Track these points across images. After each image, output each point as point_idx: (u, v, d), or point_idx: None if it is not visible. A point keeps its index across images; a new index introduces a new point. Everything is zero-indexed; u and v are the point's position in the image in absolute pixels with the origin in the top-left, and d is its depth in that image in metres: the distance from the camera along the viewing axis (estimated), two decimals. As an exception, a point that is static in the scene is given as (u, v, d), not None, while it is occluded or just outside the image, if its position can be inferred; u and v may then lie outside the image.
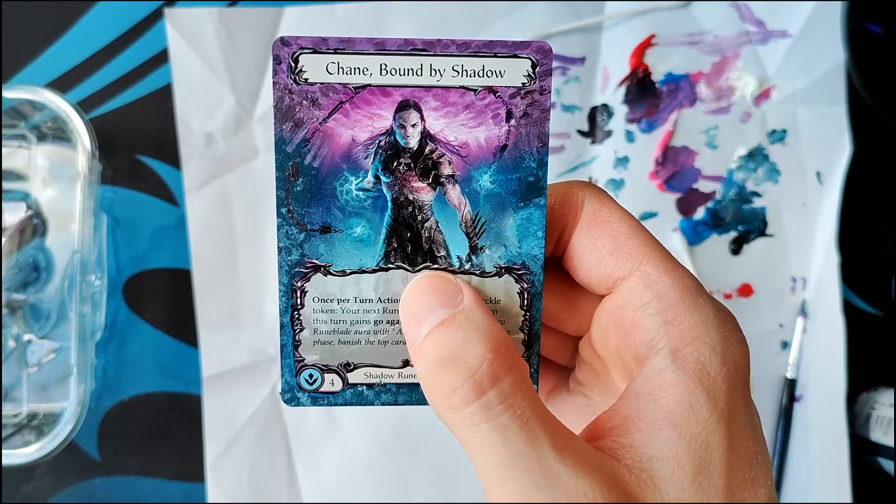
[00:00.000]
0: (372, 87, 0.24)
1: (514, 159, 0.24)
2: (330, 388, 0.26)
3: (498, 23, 0.47)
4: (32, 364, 0.46)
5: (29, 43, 0.48)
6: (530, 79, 0.24)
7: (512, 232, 0.25)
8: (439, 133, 0.24)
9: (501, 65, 0.24)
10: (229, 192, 0.47)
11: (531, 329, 0.25)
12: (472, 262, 0.25)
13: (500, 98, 0.24)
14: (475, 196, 0.25)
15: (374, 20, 0.47)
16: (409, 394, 0.26)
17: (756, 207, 0.48)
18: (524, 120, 0.24)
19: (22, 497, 0.47)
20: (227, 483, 0.46)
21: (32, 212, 0.47)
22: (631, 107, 0.48)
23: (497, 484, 0.20)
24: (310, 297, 0.26)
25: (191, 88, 0.47)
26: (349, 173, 0.25)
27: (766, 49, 0.48)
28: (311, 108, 0.24)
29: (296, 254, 0.26)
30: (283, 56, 0.24)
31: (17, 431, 0.44)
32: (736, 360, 0.22)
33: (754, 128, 0.48)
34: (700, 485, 0.20)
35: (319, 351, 0.26)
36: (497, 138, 0.24)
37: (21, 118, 0.46)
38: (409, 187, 0.25)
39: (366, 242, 0.25)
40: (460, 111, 0.24)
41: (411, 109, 0.24)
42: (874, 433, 0.45)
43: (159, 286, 0.48)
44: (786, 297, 0.48)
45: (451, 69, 0.24)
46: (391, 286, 0.25)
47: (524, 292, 0.25)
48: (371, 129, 0.24)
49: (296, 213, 0.25)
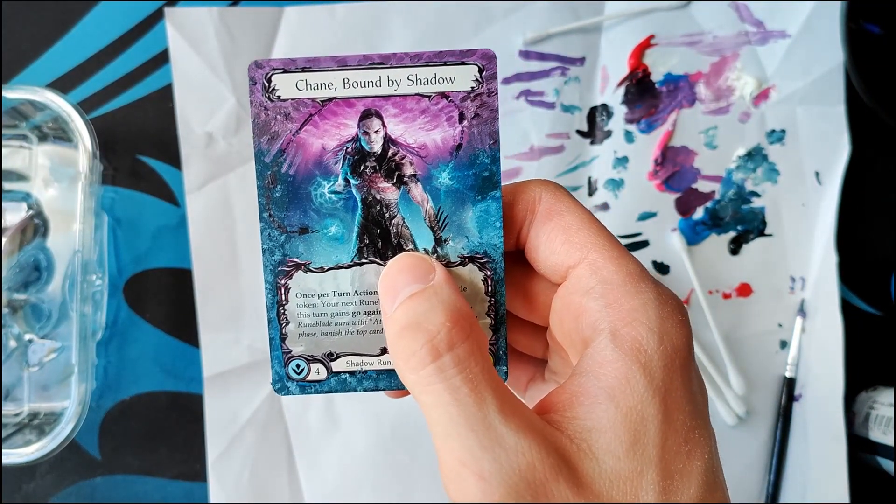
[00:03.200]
0: (337, 100, 0.27)
1: (469, 157, 0.27)
2: (316, 376, 0.28)
3: (497, 23, 0.47)
4: (33, 363, 0.46)
5: (30, 43, 0.48)
6: (478, 83, 0.27)
7: (472, 224, 0.27)
8: (400, 137, 0.27)
9: (451, 72, 0.27)
10: (230, 192, 0.47)
11: (497, 313, 0.27)
12: (438, 254, 0.27)
13: (452, 102, 0.27)
14: (436, 192, 0.27)
15: (374, 20, 0.47)
16: (388, 379, 0.28)
17: (755, 207, 0.48)
18: (475, 120, 0.27)
19: (23, 496, 0.47)
20: (228, 482, 0.46)
21: (33, 212, 0.47)
22: (630, 107, 0.48)
23: (446, 441, 0.22)
24: (293, 293, 0.28)
25: (191, 88, 0.47)
26: (322, 178, 0.27)
27: (765, 49, 0.48)
28: (284, 122, 0.27)
29: (278, 254, 0.28)
30: (258, 77, 0.27)
31: (19, 431, 0.44)
32: (674, 340, 0.23)
33: (753, 128, 0.48)
34: (635, 454, 0.22)
35: (304, 342, 0.28)
36: (452, 138, 0.27)
37: (22, 118, 0.46)
38: (375, 188, 0.27)
39: (340, 240, 0.28)
40: (417, 116, 0.27)
41: (373, 117, 0.27)
42: (873, 432, 0.45)
43: (160, 286, 0.48)
44: (785, 297, 0.48)
45: (407, 79, 0.27)
46: (365, 279, 0.27)
47: (487, 279, 0.27)
48: (339, 138, 0.27)
49: (276, 216, 0.28)
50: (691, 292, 0.48)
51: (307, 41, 0.47)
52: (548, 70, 0.48)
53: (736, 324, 0.48)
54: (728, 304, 0.48)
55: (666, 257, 0.48)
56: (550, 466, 0.21)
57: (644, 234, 0.48)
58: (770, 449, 0.47)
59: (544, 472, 0.21)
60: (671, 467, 0.22)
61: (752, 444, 0.47)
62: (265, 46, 0.47)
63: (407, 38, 0.47)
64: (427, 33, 0.47)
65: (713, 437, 0.23)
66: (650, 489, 0.21)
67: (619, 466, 0.21)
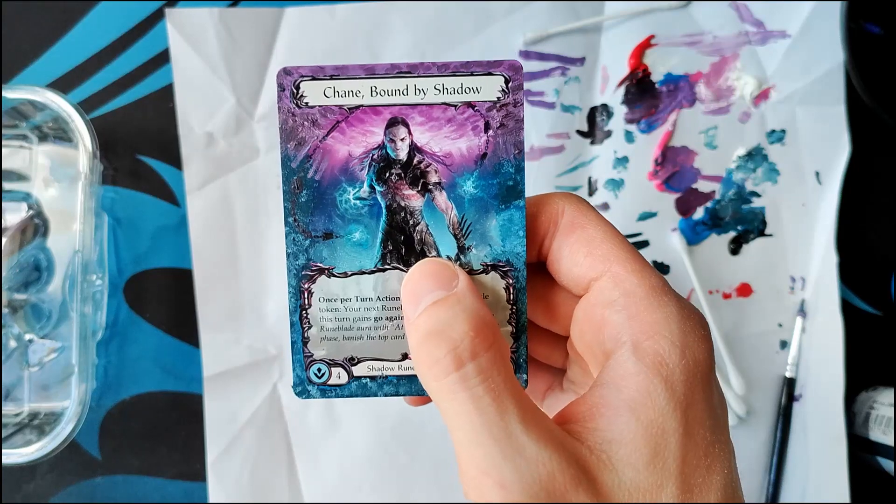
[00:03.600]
0: (364, 108, 0.27)
1: (493, 166, 0.27)
2: (337, 381, 0.29)
3: (498, 23, 0.47)
4: (34, 363, 0.46)
5: (31, 43, 0.48)
6: (504, 93, 0.27)
7: (495, 232, 0.27)
8: (425, 145, 0.27)
9: (478, 82, 0.27)
10: (230, 192, 0.47)
11: (518, 321, 0.28)
12: (461, 261, 0.28)
13: (478, 112, 0.27)
14: (460, 200, 0.28)
15: (374, 21, 0.47)
16: (408, 385, 0.29)
17: (755, 207, 0.48)
18: (501, 130, 0.27)
19: (23, 496, 0.47)
20: (228, 482, 0.46)
21: (34, 212, 0.47)
22: (630, 107, 0.48)
23: (468, 448, 0.22)
24: (316, 297, 0.28)
25: (192, 88, 0.47)
26: (347, 184, 0.28)
27: (765, 49, 0.48)
28: (311, 128, 0.27)
29: (302, 258, 0.28)
30: (286, 84, 0.27)
31: (19, 431, 0.44)
32: (696, 354, 0.23)
33: (753, 128, 0.48)
34: (655, 467, 0.22)
35: (326, 346, 0.28)
36: (477, 147, 0.27)
37: (22, 118, 0.46)
38: (400, 195, 0.28)
39: (364, 246, 0.28)
40: (443, 125, 0.27)
41: (399, 125, 0.28)
42: (873, 432, 0.45)
43: (160, 286, 0.48)
44: (785, 297, 0.48)
45: (433, 88, 0.27)
46: (388, 285, 0.28)
47: (510, 287, 0.27)
48: (365, 145, 0.27)
49: (301, 221, 0.28)
50: (691, 292, 0.48)
51: (307, 41, 0.47)
52: (548, 70, 0.48)
53: (736, 324, 0.48)
54: (728, 304, 0.48)
55: (666, 257, 0.48)
56: (571, 477, 0.21)
57: (644, 234, 0.48)
58: (770, 449, 0.47)
59: (564, 482, 0.21)
60: (691, 481, 0.22)
61: (752, 444, 0.47)
62: (266, 47, 0.47)
63: (407, 38, 0.47)
64: (427, 33, 0.47)
65: (733, 452, 0.23)
66: (669, 502, 0.22)
67: (638, 479, 0.21)
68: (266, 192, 0.47)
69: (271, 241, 0.47)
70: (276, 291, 0.47)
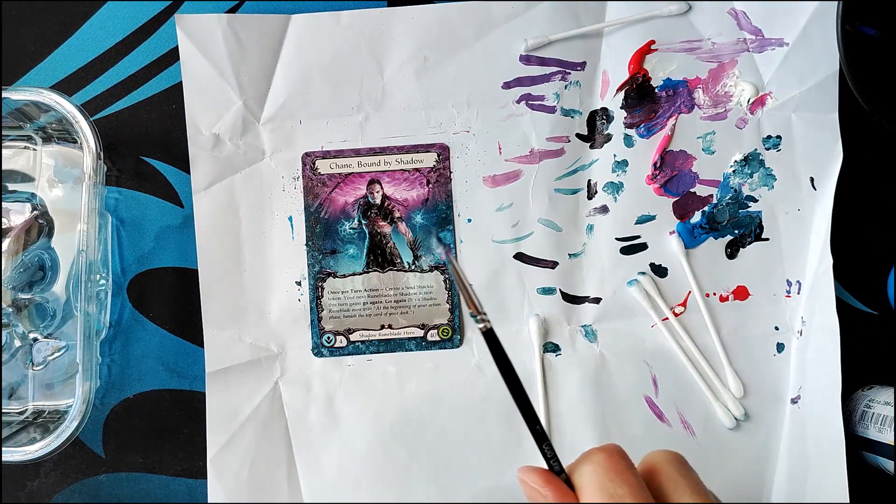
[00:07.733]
0: (353, 174, 0.47)
1: (433, 205, 0.47)
2: (340, 344, 0.47)
3: (499, 29, 0.48)
4: (38, 362, 0.46)
5: (35, 45, 0.49)
6: (437, 162, 0.47)
7: (435, 246, 0.46)
8: (392, 194, 0.47)
9: (422, 157, 0.47)
10: (235, 192, 0.48)
11: (452, 300, 0.47)
12: (416, 265, 0.47)
13: (422, 174, 0.47)
14: (414, 227, 0.47)
15: (378, 27, 0.48)
16: (386, 345, 0.47)
17: (752, 211, 0.49)
18: (436, 184, 0.47)
19: (27, 493, 0.48)
20: (227, 478, 0.47)
21: (38, 212, 0.47)
22: (630, 111, 0.49)
23: None
24: (326, 291, 0.47)
25: (200, 91, 0.47)
26: (344, 220, 0.47)
27: (763, 57, 0.48)
28: (322, 188, 0.47)
29: (317, 267, 0.47)
30: (307, 161, 0.47)
31: (23, 429, 0.44)
32: None
33: (750, 134, 0.49)
34: None
35: (333, 322, 0.47)
36: (423, 195, 0.47)
37: (27, 119, 0.46)
38: (377, 225, 0.47)
39: (355, 258, 0.47)
40: (402, 182, 0.47)
41: (376, 183, 0.47)
42: (869, 430, 0.45)
43: (163, 285, 0.49)
44: (781, 300, 0.48)
45: (395, 160, 0.47)
46: (370, 282, 0.47)
47: (446, 280, 0.47)
48: (355, 196, 0.47)
49: (317, 244, 0.47)
50: (689, 295, 0.48)
51: (313, 47, 0.48)
52: (548, 74, 0.48)
53: (733, 326, 0.48)
54: (725, 307, 0.48)
55: (664, 260, 0.49)
56: None
57: (642, 237, 0.49)
58: (769, 450, 0.47)
59: None
60: None
61: (751, 446, 0.47)
62: (272, 52, 0.47)
63: (410, 43, 0.48)
64: (429, 39, 0.48)
65: None
66: None
67: None
68: (270, 192, 0.48)
69: (274, 241, 0.48)
70: (279, 291, 0.48)
